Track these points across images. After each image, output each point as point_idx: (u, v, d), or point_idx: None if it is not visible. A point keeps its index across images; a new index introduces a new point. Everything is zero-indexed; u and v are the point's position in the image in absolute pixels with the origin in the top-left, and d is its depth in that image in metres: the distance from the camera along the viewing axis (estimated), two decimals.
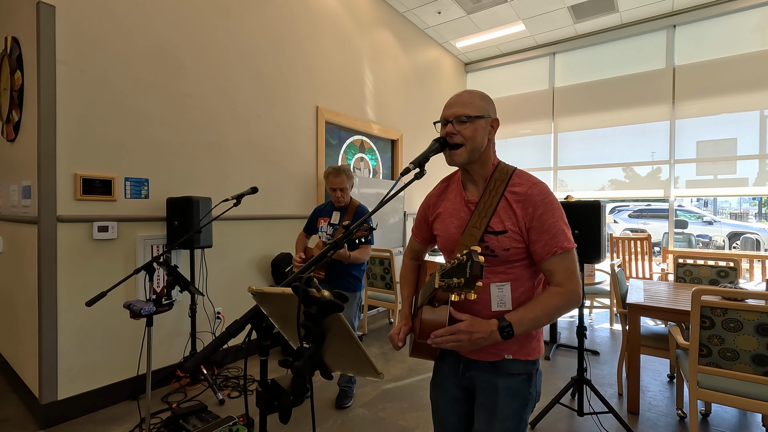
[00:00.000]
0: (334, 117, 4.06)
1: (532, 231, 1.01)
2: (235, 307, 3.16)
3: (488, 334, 0.95)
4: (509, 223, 1.03)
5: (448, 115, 1.06)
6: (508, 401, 1.06)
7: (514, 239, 1.02)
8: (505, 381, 1.07)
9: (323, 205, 2.60)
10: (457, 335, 0.95)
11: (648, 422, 2.27)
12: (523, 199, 1.03)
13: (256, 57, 3.29)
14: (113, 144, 2.44)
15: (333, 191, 2.42)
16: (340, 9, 4.15)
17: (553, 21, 5.18)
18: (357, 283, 2.43)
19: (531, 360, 1.08)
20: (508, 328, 0.96)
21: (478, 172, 1.10)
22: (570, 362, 3.16)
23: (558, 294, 1.00)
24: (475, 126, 1.04)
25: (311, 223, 2.59)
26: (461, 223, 1.10)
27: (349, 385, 2.51)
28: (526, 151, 6.09)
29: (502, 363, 1.07)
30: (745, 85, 4.51)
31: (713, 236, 8.21)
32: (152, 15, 2.62)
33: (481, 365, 1.09)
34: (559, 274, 1.00)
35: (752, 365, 1.79)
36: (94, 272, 2.36)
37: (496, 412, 1.06)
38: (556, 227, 1.00)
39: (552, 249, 1.00)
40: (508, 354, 1.06)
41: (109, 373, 2.42)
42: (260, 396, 0.77)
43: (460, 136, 1.04)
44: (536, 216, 1.01)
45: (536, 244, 1.01)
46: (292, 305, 0.77)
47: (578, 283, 1.01)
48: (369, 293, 3.87)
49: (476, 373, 1.10)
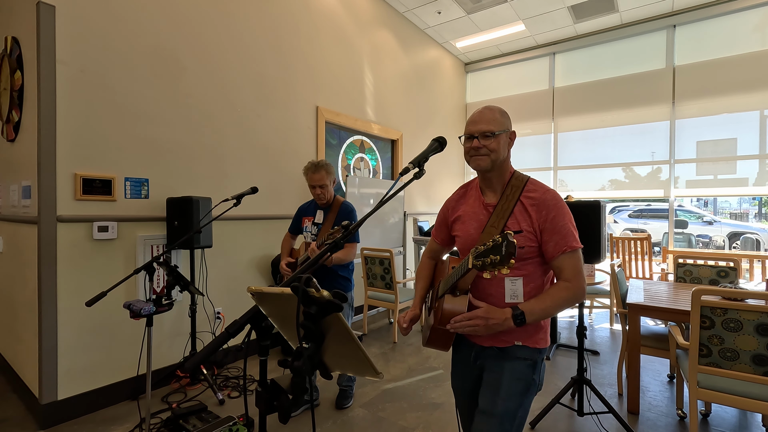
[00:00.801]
0: (334, 117, 4.06)
1: (546, 232, 1.13)
2: (235, 307, 3.16)
3: (503, 320, 1.07)
4: (525, 224, 1.14)
5: (474, 131, 1.17)
6: (512, 382, 1.15)
7: (528, 239, 1.13)
8: (511, 364, 1.17)
9: (307, 204, 2.47)
10: (475, 320, 1.07)
11: (648, 422, 2.27)
12: (537, 203, 1.15)
13: (257, 57, 3.30)
14: (113, 144, 2.44)
15: (313, 188, 2.28)
16: (340, 9, 4.15)
17: (553, 21, 5.18)
18: (347, 284, 2.34)
19: (538, 348, 1.18)
20: (521, 316, 1.07)
21: (497, 180, 1.22)
22: (570, 362, 3.16)
23: (566, 288, 1.11)
24: (499, 140, 1.16)
25: (296, 223, 2.47)
26: (480, 224, 1.21)
27: (350, 384, 2.47)
28: (526, 151, 6.08)
29: (511, 349, 1.17)
30: (745, 85, 4.51)
31: (713, 236, 8.21)
32: (152, 15, 2.62)
33: (491, 351, 1.20)
34: (568, 270, 1.12)
35: (752, 365, 1.79)
36: (94, 272, 2.36)
37: (500, 391, 1.15)
38: (566, 229, 1.13)
39: (562, 248, 1.12)
40: (517, 341, 1.17)
41: (109, 373, 2.43)
42: (260, 396, 0.77)
43: (486, 149, 1.15)
44: (549, 218, 1.13)
45: (548, 244, 1.13)
46: (291, 305, 0.77)
47: (584, 280, 1.13)
48: (369, 293, 3.87)
49: (486, 359, 1.21)
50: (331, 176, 2.29)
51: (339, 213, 2.29)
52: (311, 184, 2.28)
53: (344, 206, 2.31)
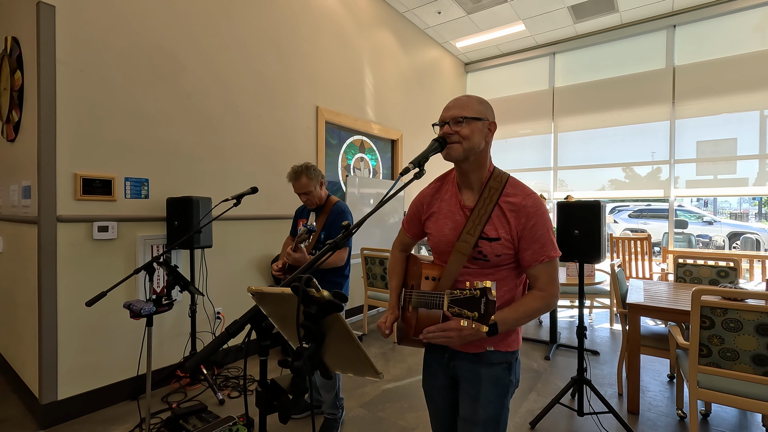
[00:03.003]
0: (334, 117, 4.06)
1: (523, 240, 1.09)
2: (235, 307, 3.16)
3: (476, 331, 1.02)
4: (502, 231, 1.09)
5: (446, 116, 1.10)
6: (491, 389, 1.14)
7: (505, 246, 1.09)
8: (487, 370, 1.15)
9: (303, 206, 2.41)
10: (448, 332, 1.04)
11: (648, 422, 2.27)
12: (517, 210, 1.09)
13: (257, 57, 3.30)
14: (113, 144, 2.44)
15: (299, 195, 2.21)
16: (340, 9, 4.15)
17: (553, 21, 5.18)
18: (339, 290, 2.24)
19: (510, 351, 1.17)
20: (493, 327, 1.02)
21: (474, 175, 1.15)
22: (570, 362, 3.16)
23: (540, 298, 1.09)
24: (472, 127, 1.08)
25: (294, 226, 2.42)
26: (456, 225, 1.15)
27: (334, 413, 2.17)
28: (526, 151, 6.08)
29: (484, 354, 1.15)
30: (745, 85, 4.50)
31: (713, 236, 8.21)
32: (152, 15, 2.62)
33: (464, 356, 1.18)
34: (543, 279, 1.09)
35: (752, 365, 1.79)
36: (94, 272, 2.36)
37: (480, 399, 1.14)
38: (545, 238, 1.09)
39: (540, 257, 1.08)
40: (489, 346, 1.15)
41: (109, 373, 2.43)
42: (260, 396, 0.77)
43: (457, 135, 1.08)
44: (528, 226, 1.08)
45: (525, 252, 1.09)
46: (291, 305, 0.77)
47: (557, 288, 1.11)
48: (369, 293, 3.87)
49: (460, 363, 1.19)
50: (314, 180, 2.18)
51: (330, 214, 2.21)
52: (295, 191, 2.21)
53: (335, 207, 2.22)
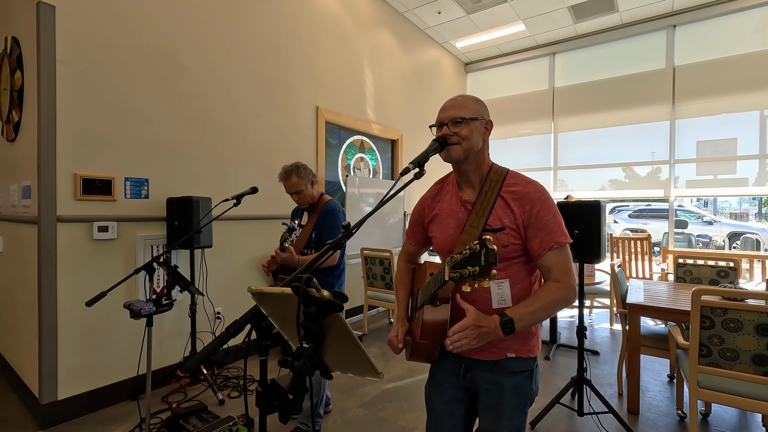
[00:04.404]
0: (334, 117, 4.06)
1: (530, 228, 1.04)
2: (235, 307, 3.16)
3: (492, 329, 0.96)
4: (507, 221, 1.05)
5: (444, 118, 1.09)
6: (514, 399, 1.08)
7: (512, 236, 1.05)
8: (509, 380, 1.08)
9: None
10: (466, 330, 0.95)
11: (648, 422, 2.27)
12: (520, 197, 1.06)
13: (257, 57, 3.29)
14: (113, 144, 2.44)
15: (291, 195, 2.22)
16: (340, 9, 4.15)
17: (553, 21, 5.18)
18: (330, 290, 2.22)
19: (532, 357, 1.10)
20: (509, 324, 0.96)
21: (474, 174, 1.12)
22: (570, 362, 3.16)
23: (557, 289, 1.02)
24: (470, 127, 1.07)
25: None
26: (459, 223, 1.12)
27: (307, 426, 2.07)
28: (526, 151, 6.08)
29: (504, 362, 1.08)
30: (745, 85, 4.50)
31: (713, 236, 8.21)
32: (152, 15, 2.62)
33: (484, 365, 1.10)
34: (557, 270, 1.03)
35: (752, 365, 1.79)
36: (94, 272, 2.36)
37: (503, 411, 1.07)
38: (553, 223, 1.04)
39: (549, 244, 1.03)
40: (510, 352, 1.08)
41: (109, 373, 2.42)
42: (260, 396, 0.77)
43: (456, 136, 1.06)
44: (533, 213, 1.04)
45: (534, 240, 1.04)
46: (291, 305, 0.77)
47: (574, 278, 1.04)
48: (369, 293, 3.87)
49: (479, 373, 1.11)
50: (304, 179, 2.18)
51: (320, 214, 2.19)
52: (286, 191, 2.21)
53: (325, 206, 2.19)
